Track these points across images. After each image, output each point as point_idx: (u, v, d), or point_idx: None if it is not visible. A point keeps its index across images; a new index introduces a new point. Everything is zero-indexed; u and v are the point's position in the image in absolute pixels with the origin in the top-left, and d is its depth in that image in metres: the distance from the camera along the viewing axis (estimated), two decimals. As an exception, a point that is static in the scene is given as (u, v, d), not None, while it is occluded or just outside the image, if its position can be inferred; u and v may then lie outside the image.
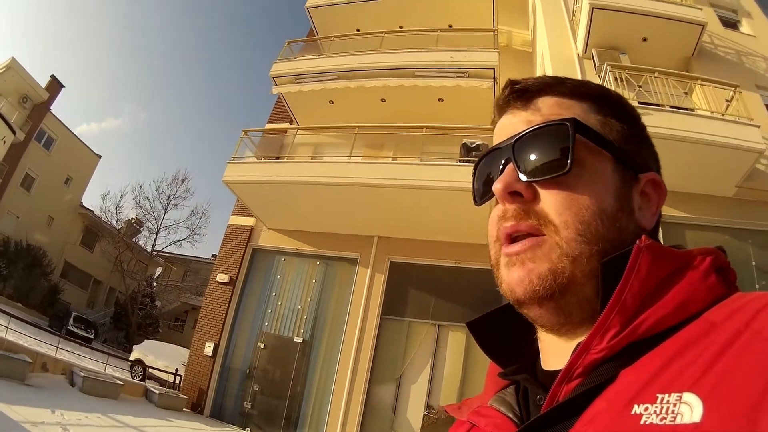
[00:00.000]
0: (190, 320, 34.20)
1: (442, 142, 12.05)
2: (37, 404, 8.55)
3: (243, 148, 13.37)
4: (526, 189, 0.66)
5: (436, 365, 11.80)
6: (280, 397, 12.66)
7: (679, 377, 0.47)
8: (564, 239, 0.63)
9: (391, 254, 13.02)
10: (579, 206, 0.64)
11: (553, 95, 0.73)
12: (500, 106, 0.77)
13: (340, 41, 15.81)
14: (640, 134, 0.75)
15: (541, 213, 0.65)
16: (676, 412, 0.45)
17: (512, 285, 0.65)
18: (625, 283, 0.57)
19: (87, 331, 25.79)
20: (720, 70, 10.90)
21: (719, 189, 9.43)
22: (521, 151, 0.68)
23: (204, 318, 14.13)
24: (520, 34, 16.26)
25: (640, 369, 0.52)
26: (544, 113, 0.71)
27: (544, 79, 0.75)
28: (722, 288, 0.58)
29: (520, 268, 0.64)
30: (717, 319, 0.51)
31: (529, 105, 0.73)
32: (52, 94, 32.27)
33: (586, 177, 0.66)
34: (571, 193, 0.65)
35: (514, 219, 0.66)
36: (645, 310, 0.56)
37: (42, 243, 30.19)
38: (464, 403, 0.81)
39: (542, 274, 0.62)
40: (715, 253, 0.61)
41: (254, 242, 14.59)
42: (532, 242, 0.64)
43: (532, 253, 0.64)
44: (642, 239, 0.59)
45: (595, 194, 0.65)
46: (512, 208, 0.67)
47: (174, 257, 38.08)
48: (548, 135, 0.68)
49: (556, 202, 0.65)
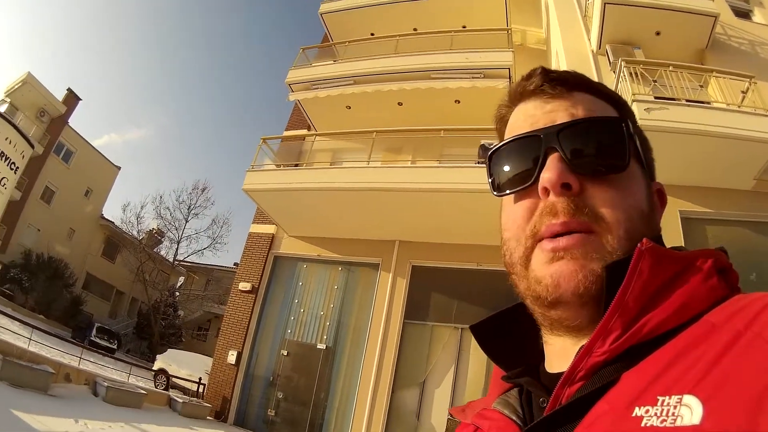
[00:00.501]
0: (212, 329, 34.33)
1: (460, 143, 12.01)
2: (60, 414, 8.67)
3: (262, 156, 13.42)
4: (576, 182, 0.65)
5: (459, 369, 11.74)
6: (304, 404, 12.67)
7: (680, 379, 0.48)
8: (615, 237, 0.62)
9: (412, 258, 12.99)
10: (627, 205, 0.64)
11: (588, 93, 0.73)
12: (528, 91, 0.75)
13: (354, 46, 15.86)
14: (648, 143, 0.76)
15: (594, 209, 0.64)
16: (677, 414, 0.45)
17: (559, 278, 0.62)
18: (627, 286, 0.57)
19: (110, 341, 26.10)
20: (734, 60, 10.80)
21: (737, 182, 9.29)
22: (570, 141, 0.66)
23: (227, 326, 14.18)
24: (534, 32, 16.22)
25: (641, 371, 0.52)
26: (587, 107, 0.70)
27: (576, 74, 0.74)
28: (724, 289, 0.58)
29: (573, 261, 0.62)
30: (718, 320, 0.52)
31: (566, 95, 0.72)
32: (69, 107, 32.71)
33: (629, 178, 0.67)
34: (621, 192, 0.65)
35: (566, 215, 0.63)
36: (647, 312, 0.56)
37: (63, 255, 30.60)
38: (469, 405, 0.81)
39: (595, 270, 0.61)
40: (716, 255, 0.61)
41: (276, 250, 14.64)
42: (583, 238, 0.62)
43: (584, 249, 0.62)
44: (643, 242, 0.58)
45: (638, 195, 0.67)
46: (563, 203, 0.64)
47: (196, 266, 38.30)
48: (602, 130, 0.68)
49: (609, 200, 0.64)
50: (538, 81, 0.73)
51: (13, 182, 24.81)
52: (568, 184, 0.64)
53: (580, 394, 0.56)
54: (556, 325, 0.67)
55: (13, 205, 27.32)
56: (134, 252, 31.59)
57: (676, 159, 8.42)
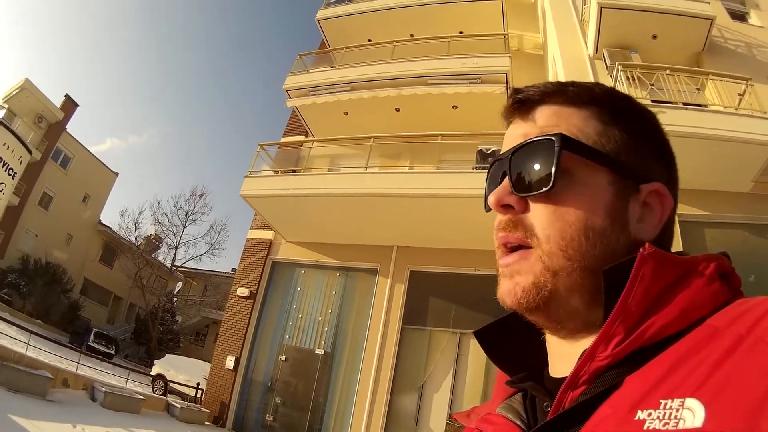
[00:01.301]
0: (210, 334, 34.25)
1: (457, 149, 12.04)
2: (58, 419, 8.64)
3: (260, 162, 13.43)
4: (518, 202, 0.68)
5: (458, 373, 11.74)
6: (302, 409, 12.65)
7: (683, 383, 0.48)
8: (545, 253, 0.64)
9: (410, 263, 12.99)
10: (564, 222, 0.65)
11: (552, 104, 0.73)
12: (505, 116, 0.78)
13: (351, 52, 15.85)
14: (645, 141, 0.73)
15: (529, 226, 0.67)
16: (679, 418, 0.46)
17: (502, 296, 0.68)
18: (629, 290, 0.57)
19: (108, 346, 26.00)
20: (731, 63, 10.81)
21: (735, 185, 9.32)
22: (515, 165, 0.70)
23: (225, 332, 14.16)
24: (531, 37, 16.23)
25: (644, 375, 0.53)
26: (539, 125, 0.71)
27: (546, 87, 0.75)
28: (726, 294, 0.58)
29: (509, 280, 0.67)
30: (720, 324, 0.52)
31: (527, 116, 0.73)
32: (67, 113, 32.75)
33: (575, 192, 0.66)
34: (558, 208, 0.65)
35: (504, 230, 0.69)
36: (649, 317, 0.56)
37: (61, 260, 30.58)
38: (473, 410, 0.82)
39: (526, 287, 0.65)
40: (718, 259, 0.61)
41: (273, 255, 14.63)
42: (521, 255, 0.67)
43: (519, 266, 0.66)
44: (646, 247, 0.59)
45: (583, 209, 0.65)
46: (504, 219, 0.69)
47: (194, 272, 38.11)
48: (537, 150, 0.68)
49: (543, 217, 0.66)
50: (509, 105, 0.76)
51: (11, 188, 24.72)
52: (509, 205, 0.69)
53: (583, 398, 0.57)
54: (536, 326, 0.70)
55: (11, 211, 27.24)
56: (132, 258, 31.50)
57: (673, 162, 8.43)
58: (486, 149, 11.43)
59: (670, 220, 0.72)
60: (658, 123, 0.76)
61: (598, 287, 0.62)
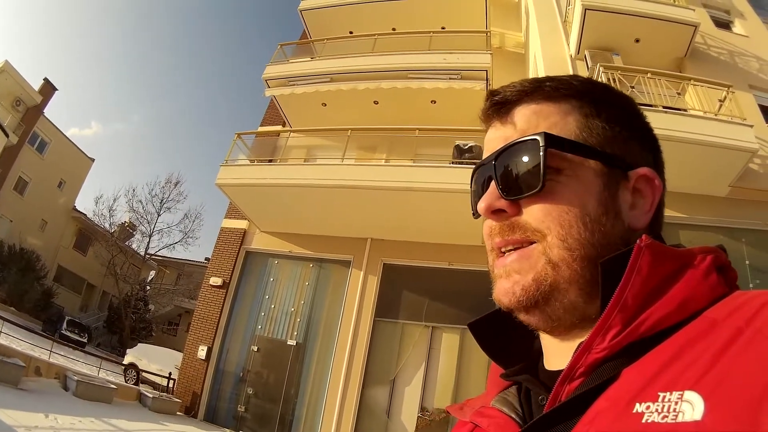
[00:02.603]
0: (183, 324, 34.06)
1: (435, 143, 12.07)
2: (30, 408, 8.52)
3: (236, 151, 13.34)
4: (509, 206, 0.68)
5: (430, 367, 11.80)
6: (274, 401, 12.62)
7: (681, 376, 0.48)
8: (547, 246, 0.64)
9: (384, 256, 13.01)
10: (559, 212, 0.65)
11: (530, 103, 0.73)
12: (483, 119, 0.78)
13: (332, 44, 15.79)
14: (628, 128, 0.73)
15: (526, 225, 0.66)
16: (678, 411, 0.45)
17: (499, 296, 0.68)
18: (626, 282, 0.57)
19: (80, 335, 25.80)
20: (713, 70, 10.94)
21: (713, 189, 9.47)
22: (500, 169, 0.69)
23: (197, 321, 14.07)
24: (513, 36, 16.29)
25: (641, 368, 0.52)
26: (519, 127, 0.71)
27: (522, 86, 0.74)
28: (723, 287, 0.58)
29: (507, 279, 0.67)
30: (718, 317, 0.52)
31: (506, 118, 0.73)
32: (46, 97, 32.26)
33: (565, 186, 0.66)
34: (551, 204, 0.65)
35: (501, 235, 0.68)
36: (646, 309, 0.56)
37: (35, 247, 30.15)
38: (466, 403, 0.81)
39: (526, 284, 0.64)
40: (715, 252, 0.61)
41: (247, 245, 14.55)
42: (518, 254, 0.66)
43: (519, 264, 0.66)
44: (643, 238, 0.59)
45: (576, 201, 0.66)
46: (498, 225, 0.69)
47: (167, 260, 37.95)
48: (521, 152, 0.68)
49: (538, 213, 0.66)
50: (486, 107, 0.76)
51: (-14, 172, 24.50)
52: (501, 210, 0.68)
53: (579, 390, 0.57)
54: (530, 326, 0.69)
55: (-15, 195, 27.01)
56: (106, 245, 31.15)
57: (651, 164, 8.51)
58: (463, 144, 11.46)
59: (661, 203, 0.72)
60: (638, 109, 0.77)
61: (596, 279, 0.62)
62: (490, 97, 0.75)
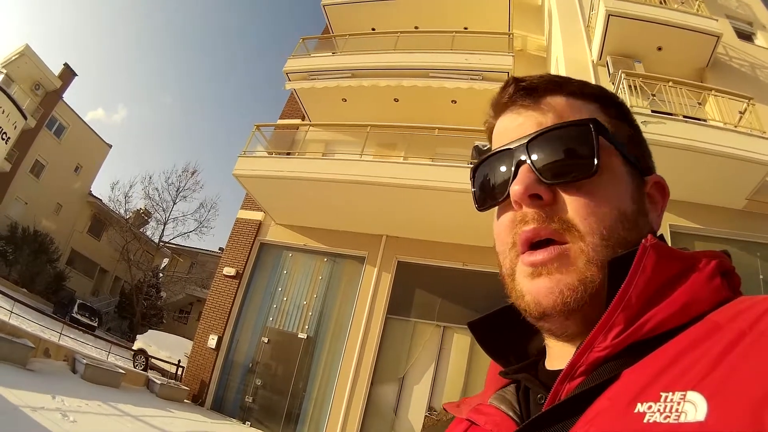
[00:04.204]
0: (194, 312, 34.26)
1: (454, 143, 12.02)
2: (37, 389, 8.56)
3: (254, 143, 13.38)
4: (546, 191, 0.65)
5: (439, 366, 11.77)
6: (282, 393, 12.66)
7: (684, 376, 0.47)
8: (590, 245, 0.61)
9: (398, 254, 13.00)
10: (603, 210, 0.63)
11: (561, 95, 0.72)
12: (502, 104, 0.76)
13: (354, 39, 15.83)
14: (641, 136, 0.75)
15: (565, 217, 0.63)
16: (680, 411, 0.45)
17: (538, 296, 0.63)
18: (630, 281, 0.56)
19: (91, 318, 26.00)
20: (734, 81, 10.87)
21: (729, 201, 9.42)
22: (538, 151, 0.67)
23: (209, 310, 14.16)
24: (536, 39, 16.24)
25: (643, 368, 0.52)
26: (558, 113, 0.70)
27: (550, 77, 0.74)
28: (727, 291, 0.58)
29: (548, 278, 0.63)
30: (721, 320, 0.51)
31: (537, 104, 0.71)
32: (65, 82, 32.48)
33: (607, 180, 0.65)
34: (594, 197, 0.64)
35: (536, 222, 0.64)
36: (649, 309, 0.55)
37: (49, 230, 30.46)
38: (463, 401, 0.81)
39: (572, 284, 0.61)
40: (720, 257, 0.61)
41: (262, 237, 14.62)
42: (557, 251, 0.63)
43: (559, 262, 0.62)
44: (648, 238, 0.59)
45: (616, 198, 0.65)
46: (532, 212, 0.65)
47: (181, 249, 38.11)
48: (569, 136, 0.67)
49: (581, 207, 0.63)
50: (510, 92, 0.73)
51: (3, 153, 24.63)
52: (537, 194, 0.65)
53: (580, 389, 0.56)
54: (548, 333, 0.68)
55: (1, 177, 27.18)
56: (120, 231, 31.38)
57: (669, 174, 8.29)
58: (482, 145, 11.41)
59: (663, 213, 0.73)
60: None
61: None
62: (516, 82, 0.74)
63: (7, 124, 24.02)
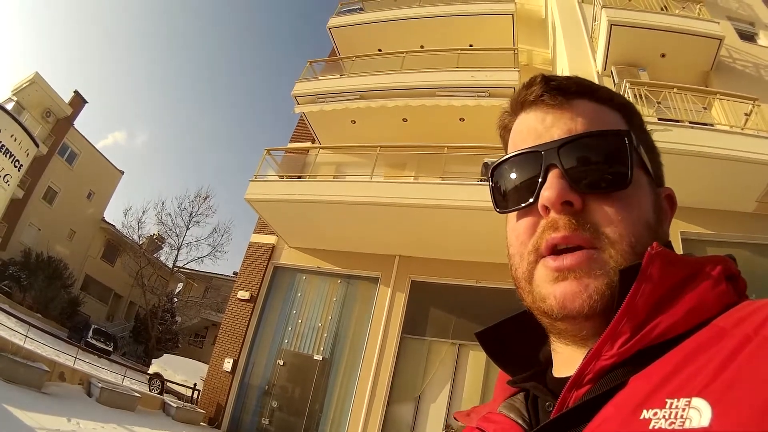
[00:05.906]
0: (209, 336, 34.36)
1: (463, 161, 12.02)
2: (53, 412, 8.63)
3: (265, 167, 13.46)
4: (578, 199, 0.64)
5: (455, 385, 11.72)
6: (298, 415, 12.62)
7: (689, 382, 0.48)
8: (619, 252, 0.62)
9: (412, 273, 13.01)
10: (632, 219, 0.64)
11: (591, 100, 0.71)
12: (528, 101, 0.74)
13: (361, 61, 15.90)
14: (656, 147, 0.76)
15: (596, 225, 0.63)
16: (685, 417, 0.45)
17: (564, 299, 0.62)
18: (637, 289, 0.57)
19: (106, 343, 25.97)
20: (738, 83, 10.88)
21: (739, 204, 9.38)
22: (571, 157, 0.66)
23: (224, 334, 14.18)
24: (540, 52, 16.25)
25: (649, 375, 0.52)
26: (588, 118, 0.69)
27: (579, 80, 0.73)
28: (732, 296, 0.59)
29: (576, 282, 0.62)
30: (726, 325, 0.52)
31: (566, 106, 0.70)
32: (76, 109, 32.83)
33: (634, 190, 0.66)
34: (625, 206, 0.64)
35: (567, 230, 0.64)
36: (656, 316, 0.56)
37: (63, 255, 30.59)
38: (473, 410, 0.82)
39: (599, 288, 0.61)
40: (725, 262, 0.61)
41: (275, 260, 14.66)
42: (586, 255, 0.62)
43: (588, 266, 0.62)
44: (653, 246, 0.59)
45: (643, 207, 0.66)
46: (564, 219, 0.64)
47: (195, 273, 38.03)
48: (603, 145, 0.67)
49: (612, 215, 0.64)
50: (538, 90, 0.72)
51: (16, 180, 24.86)
52: (570, 201, 0.64)
53: (587, 397, 0.56)
54: (563, 335, 0.67)
55: (15, 204, 27.38)
56: (134, 256, 31.34)
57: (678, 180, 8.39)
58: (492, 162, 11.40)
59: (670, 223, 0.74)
60: None
61: None
62: (545, 81, 0.72)
63: (20, 151, 24.28)
